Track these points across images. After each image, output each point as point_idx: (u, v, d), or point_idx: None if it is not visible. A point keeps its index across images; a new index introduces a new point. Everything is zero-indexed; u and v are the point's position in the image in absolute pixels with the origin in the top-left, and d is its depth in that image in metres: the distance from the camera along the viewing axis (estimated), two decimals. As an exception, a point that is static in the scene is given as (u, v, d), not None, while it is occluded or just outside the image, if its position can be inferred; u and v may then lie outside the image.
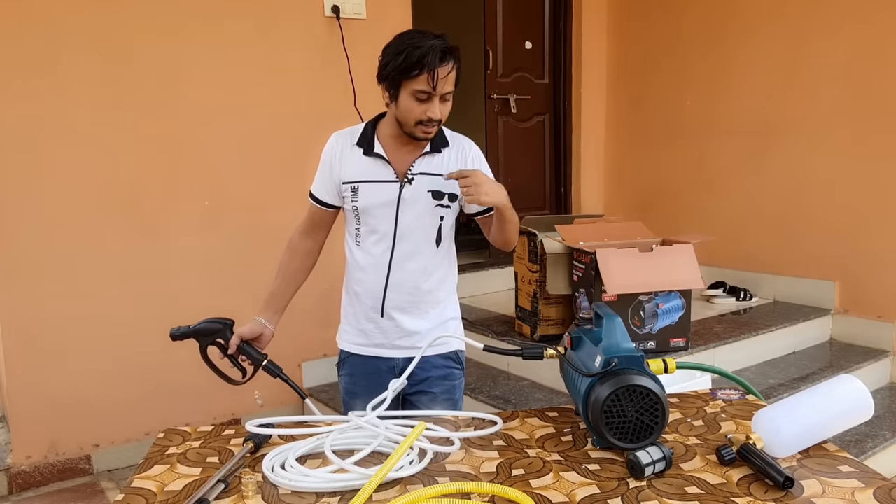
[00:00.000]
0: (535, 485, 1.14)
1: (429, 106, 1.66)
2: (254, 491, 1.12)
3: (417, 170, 1.77)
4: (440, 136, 1.80)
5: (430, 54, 1.61)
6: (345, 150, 1.81)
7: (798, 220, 3.79)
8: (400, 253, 1.79)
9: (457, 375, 1.90)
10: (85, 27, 2.91)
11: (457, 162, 1.79)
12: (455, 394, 1.89)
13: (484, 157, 1.87)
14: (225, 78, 3.23)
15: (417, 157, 1.78)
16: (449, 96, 1.70)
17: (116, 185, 3.04)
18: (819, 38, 3.64)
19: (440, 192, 1.77)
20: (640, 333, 2.82)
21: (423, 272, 1.81)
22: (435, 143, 1.78)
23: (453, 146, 1.81)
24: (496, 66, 4.49)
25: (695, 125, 4.25)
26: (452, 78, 1.67)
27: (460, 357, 1.92)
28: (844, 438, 2.70)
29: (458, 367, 1.91)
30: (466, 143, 1.84)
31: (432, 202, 1.77)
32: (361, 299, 1.85)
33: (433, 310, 1.85)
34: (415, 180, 1.76)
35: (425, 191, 1.76)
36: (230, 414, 3.35)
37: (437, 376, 1.85)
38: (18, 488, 2.96)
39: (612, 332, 1.30)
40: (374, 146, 1.77)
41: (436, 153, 1.78)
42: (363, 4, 3.53)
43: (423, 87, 1.63)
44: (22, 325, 2.91)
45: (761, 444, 1.17)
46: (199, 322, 1.73)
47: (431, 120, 1.68)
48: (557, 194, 4.85)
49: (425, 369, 1.84)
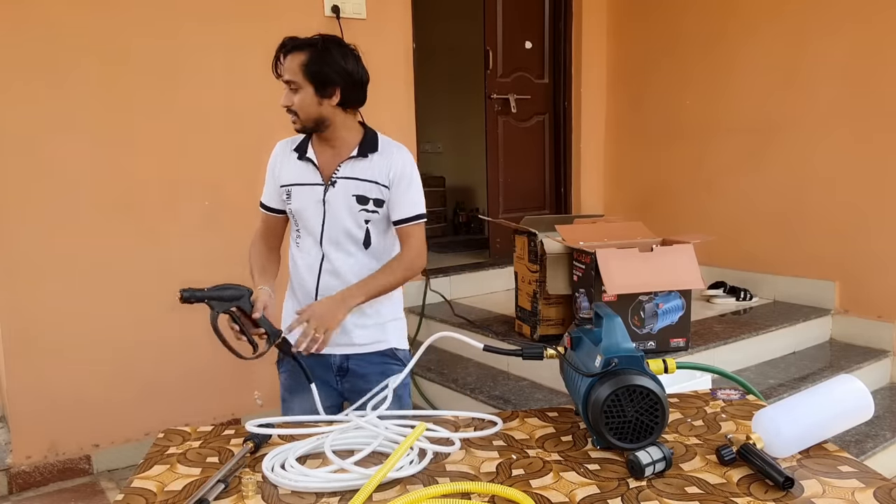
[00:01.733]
0: (535, 485, 1.14)
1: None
2: (254, 491, 1.12)
3: (342, 173, 1.83)
4: (370, 142, 1.85)
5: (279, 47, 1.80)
6: (284, 157, 1.91)
7: (798, 220, 3.79)
8: (329, 254, 1.85)
9: (396, 371, 1.89)
10: (84, 29, 2.91)
11: (381, 168, 1.83)
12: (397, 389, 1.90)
13: (415, 167, 1.89)
14: (224, 79, 3.23)
15: (343, 161, 1.83)
16: (294, 86, 1.77)
17: (116, 186, 3.04)
18: (818, 38, 3.64)
19: (364, 198, 1.82)
20: (640, 333, 2.82)
21: (352, 273, 1.85)
22: (363, 147, 1.84)
23: (382, 153, 1.85)
24: (496, 66, 4.49)
25: (695, 125, 4.25)
26: (291, 66, 1.76)
27: (398, 354, 1.94)
28: (844, 438, 2.70)
29: (398, 364, 1.93)
30: (400, 152, 1.87)
31: (356, 206, 1.83)
32: (298, 297, 1.92)
33: (365, 310, 1.88)
34: (338, 183, 1.82)
35: (349, 195, 1.82)
36: (230, 414, 3.35)
37: (375, 372, 1.89)
38: (18, 488, 2.96)
39: (612, 332, 1.30)
40: (307, 151, 1.86)
41: (362, 157, 1.84)
42: (363, 4, 3.53)
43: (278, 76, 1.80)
44: (22, 325, 2.91)
45: (761, 444, 1.17)
46: (213, 286, 1.62)
47: (286, 108, 1.80)
48: (557, 194, 4.85)
49: (362, 366, 1.90)
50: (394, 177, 1.83)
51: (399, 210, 1.85)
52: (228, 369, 3.33)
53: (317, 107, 1.79)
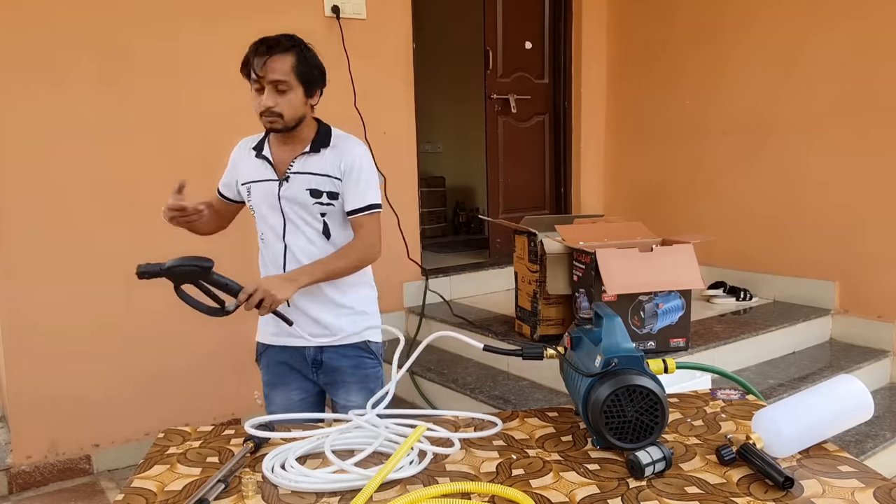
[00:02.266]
0: (535, 485, 1.14)
1: (261, 97, 1.79)
2: (254, 491, 1.12)
3: (295, 168, 1.87)
4: (322, 136, 1.88)
5: (250, 52, 1.80)
6: (243, 154, 1.98)
7: (798, 220, 3.79)
8: (291, 247, 1.90)
9: (369, 364, 1.95)
10: (84, 30, 2.92)
11: (332, 162, 1.86)
12: (370, 383, 1.95)
13: (370, 159, 1.91)
14: (224, 78, 3.22)
15: (296, 157, 1.87)
16: (285, 87, 1.78)
17: (116, 186, 3.04)
18: (815, 35, 3.63)
19: (318, 191, 1.86)
20: (640, 333, 2.82)
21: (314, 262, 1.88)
22: (315, 142, 1.87)
23: (335, 147, 1.88)
24: (496, 66, 4.49)
25: (695, 124, 4.25)
26: (280, 67, 1.77)
27: (371, 347, 1.96)
28: (844, 438, 2.70)
29: (370, 356, 1.96)
30: (350, 144, 1.89)
31: (311, 200, 1.86)
32: None
33: (337, 301, 1.91)
34: (291, 178, 1.87)
35: (303, 189, 1.86)
36: (230, 414, 3.35)
37: (349, 365, 1.93)
38: (18, 488, 2.96)
39: (612, 332, 1.30)
40: (263, 149, 1.92)
41: (314, 153, 1.87)
42: (363, 4, 3.53)
43: (253, 81, 1.80)
44: (22, 325, 2.92)
45: (761, 444, 1.17)
46: (173, 260, 1.63)
47: (267, 109, 1.79)
48: (557, 194, 4.86)
49: (336, 359, 1.93)
50: (345, 169, 1.86)
51: (351, 201, 1.88)
52: (229, 369, 3.34)
53: (303, 107, 1.83)
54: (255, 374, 3.47)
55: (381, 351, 2.01)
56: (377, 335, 2.00)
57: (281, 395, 1.99)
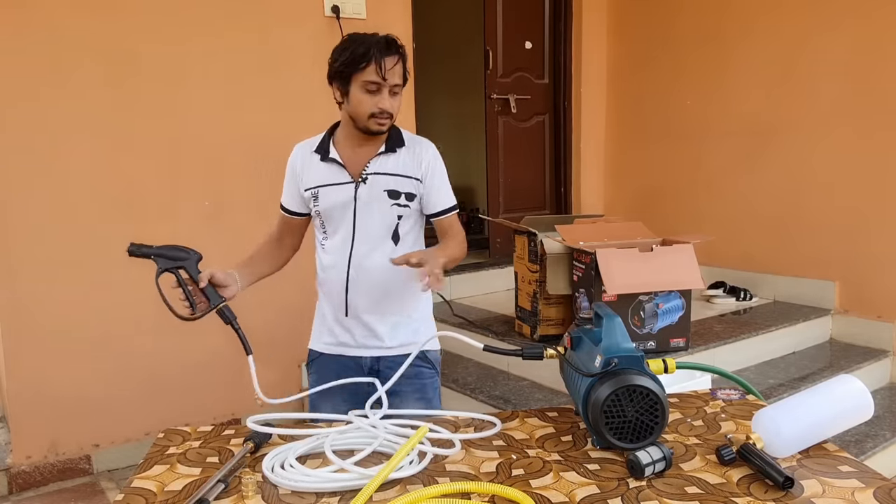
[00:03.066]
0: (535, 485, 1.14)
1: (379, 97, 1.71)
2: (254, 491, 1.12)
3: (372, 169, 1.80)
4: (395, 137, 1.84)
5: (376, 46, 1.68)
6: (305, 160, 1.88)
7: (798, 220, 3.79)
8: (358, 252, 1.83)
9: (427, 374, 1.91)
10: (88, 34, 2.92)
11: (411, 161, 1.82)
12: (427, 392, 1.90)
13: (441, 159, 1.88)
14: (225, 78, 3.23)
15: (372, 158, 1.81)
16: (398, 89, 1.74)
17: (117, 186, 3.04)
18: (818, 35, 3.63)
19: (396, 192, 1.81)
20: (640, 333, 2.82)
21: (381, 271, 1.82)
22: (389, 143, 1.81)
23: (409, 147, 1.84)
24: (496, 66, 4.49)
25: (696, 125, 4.25)
26: (399, 71, 1.72)
27: (429, 357, 1.92)
28: (844, 438, 2.70)
29: (429, 367, 1.91)
30: (423, 144, 1.86)
31: (389, 201, 1.80)
32: (328, 299, 1.90)
33: (397, 309, 1.87)
34: (369, 179, 1.80)
35: (381, 190, 1.80)
36: (230, 414, 3.35)
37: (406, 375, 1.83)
38: (18, 488, 2.96)
39: (612, 332, 1.30)
40: (330, 151, 1.83)
41: (391, 153, 1.81)
42: (363, 4, 3.53)
43: (373, 77, 1.68)
44: (22, 325, 2.92)
45: (761, 444, 1.17)
46: (163, 245, 1.64)
47: (383, 111, 1.72)
48: (557, 194, 4.86)
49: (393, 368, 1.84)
50: (426, 170, 1.82)
51: (436, 202, 1.85)
52: (229, 369, 3.34)
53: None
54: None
55: (439, 360, 1.96)
56: (435, 344, 1.94)
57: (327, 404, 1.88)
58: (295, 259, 2.01)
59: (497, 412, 1.53)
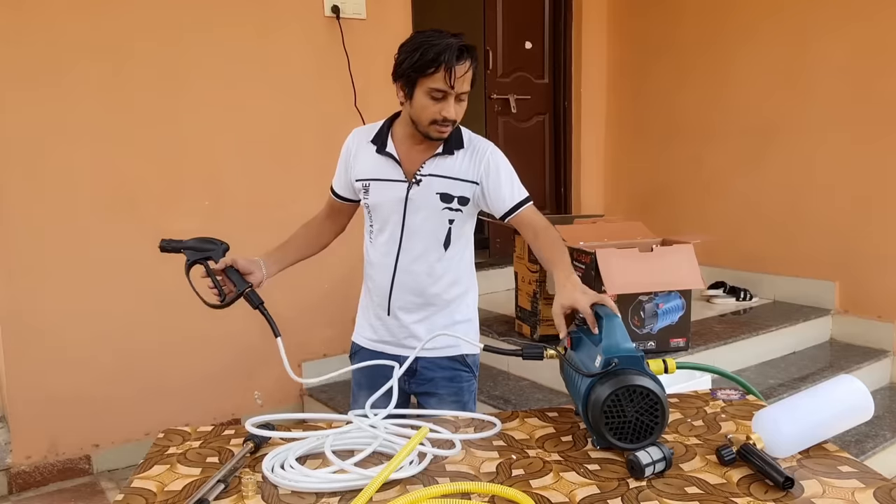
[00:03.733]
0: (535, 485, 1.14)
1: (444, 105, 1.62)
2: (254, 491, 1.12)
3: (427, 171, 1.73)
4: (455, 138, 1.74)
5: (447, 52, 1.58)
6: (360, 147, 1.80)
7: (798, 220, 3.79)
8: (406, 254, 1.77)
9: (464, 378, 1.87)
10: (86, 34, 2.91)
11: (469, 164, 1.74)
12: (463, 396, 1.87)
13: (502, 155, 1.80)
14: (225, 78, 3.23)
15: (428, 158, 1.73)
16: (464, 96, 1.65)
17: (117, 186, 3.04)
18: (819, 37, 3.63)
19: (449, 196, 1.73)
20: (640, 333, 2.82)
21: (428, 275, 1.78)
22: (448, 144, 1.73)
23: (468, 148, 1.75)
24: (496, 66, 4.49)
25: (695, 125, 4.25)
26: (469, 77, 1.63)
27: (468, 360, 1.88)
28: (844, 438, 2.70)
29: (467, 370, 1.88)
30: (483, 146, 1.78)
31: (440, 205, 1.73)
32: (372, 296, 1.87)
33: (440, 312, 1.82)
34: (423, 181, 1.73)
35: (433, 193, 1.73)
36: (230, 414, 3.35)
37: (443, 377, 1.83)
38: (18, 488, 2.95)
39: (612, 332, 1.30)
40: (387, 145, 1.75)
41: (448, 155, 1.73)
42: (363, 4, 3.53)
43: (440, 85, 1.60)
44: (22, 325, 2.91)
45: (761, 444, 1.17)
46: (192, 238, 1.69)
47: (446, 120, 1.64)
48: (557, 194, 4.86)
49: (431, 370, 1.83)
50: (484, 170, 1.73)
51: (507, 197, 1.76)
52: (228, 369, 3.34)
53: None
54: (255, 374, 3.49)
55: (478, 364, 1.92)
56: (475, 348, 1.86)
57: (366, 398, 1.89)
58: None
59: (497, 412, 1.53)
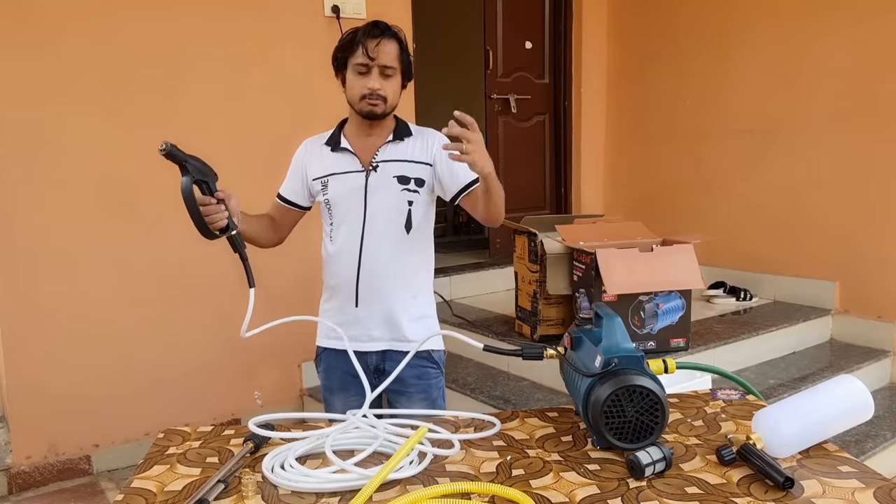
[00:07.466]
0: (535, 485, 1.14)
1: (368, 78, 1.76)
2: (254, 491, 1.12)
3: (381, 157, 1.83)
4: (403, 127, 1.87)
5: (363, 28, 1.76)
6: (313, 152, 1.91)
7: (798, 220, 3.79)
8: (369, 239, 1.83)
9: (432, 374, 1.92)
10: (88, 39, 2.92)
11: (422, 148, 1.85)
12: (432, 393, 1.92)
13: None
14: (225, 78, 3.23)
15: (381, 146, 1.84)
16: (390, 72, 1.77)
17: (116, 186, 3.04)
18: (820, 38, 3.63)
19: (406, 178, 1.83)
20: (640, 333, 2.82)
21: (392, 258, 1.84)
22: (398, 132, 1.85)
23: (417, 136, 1.88)
24: (496, 65, 4.49)
25: (695, 125, 4.25)
26: (390, 52, 1.76)
27: (434, 357, 1.92)
28: (844, 438, 2.70)
29: (434, 367, 1.92)
30: (432, 132, 1.89)
31: (399, 186, 1.82)
32: (336, 291, 1.90)
33: (408, 301, 1.87)
34: (380, 167, 1.83)
35: (391, 176, 1.82)
36: (230, 414, 3.35)
37: (411, 375, 1.87)
38: (18, 488, 2.95)
39: (612, 332, 1.30)
40: (340, 142, 1.86)
41: (399, 141, 1.85)
42: (363, 4, 3.53)
43: (360, 59, 1.74)
44: (22, 325, 2.91)
45: (761, 444, 1.17)
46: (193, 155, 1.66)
47: (373, 91, 1.76)
48: (557, 194, 4.86)
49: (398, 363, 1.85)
50: (437, 152, 1.83)
51: (458, 177, 1.82)
52: (228, 369, 3.34)
53: (398, 96, 1.83)
54: (256, 374, 3.49)
55: (444, 360, 1.97)
56: (440, 343, 1.95)
57: (340, 401, 1.92)
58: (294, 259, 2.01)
59: (497, 412, 1.53)
